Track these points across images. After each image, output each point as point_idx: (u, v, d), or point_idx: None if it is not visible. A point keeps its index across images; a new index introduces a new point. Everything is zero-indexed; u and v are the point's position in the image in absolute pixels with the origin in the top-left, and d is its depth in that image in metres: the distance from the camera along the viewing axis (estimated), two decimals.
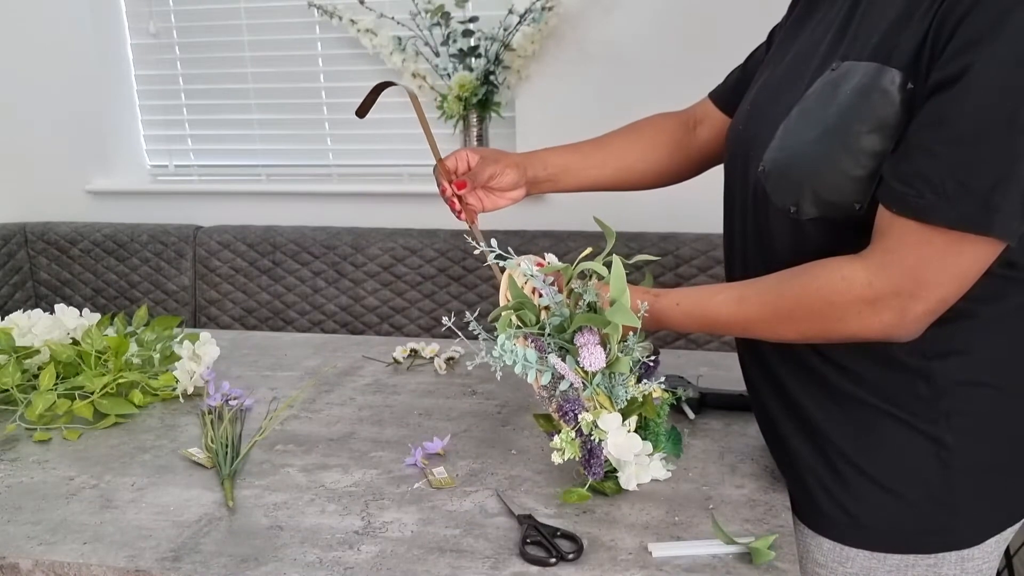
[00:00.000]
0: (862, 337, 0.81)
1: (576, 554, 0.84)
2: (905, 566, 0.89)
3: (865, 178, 0.79)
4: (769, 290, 0.86)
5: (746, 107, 0.99)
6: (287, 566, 0.84)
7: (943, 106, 0.73)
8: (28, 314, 1.30)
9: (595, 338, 0.92)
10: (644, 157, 1.17)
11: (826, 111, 0.82)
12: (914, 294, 0.77)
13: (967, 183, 0.73)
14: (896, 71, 0.77)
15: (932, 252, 0.76)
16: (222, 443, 1.07)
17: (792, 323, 0.84)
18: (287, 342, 1.55)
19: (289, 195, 2.59)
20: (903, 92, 0.77)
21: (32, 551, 0.88)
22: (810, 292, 0.82)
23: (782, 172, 0.85)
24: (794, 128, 0.85)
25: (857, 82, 0.80)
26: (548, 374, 0.93)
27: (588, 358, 0.91)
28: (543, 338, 0.94)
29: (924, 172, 0.74)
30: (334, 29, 2.43)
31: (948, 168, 0.73)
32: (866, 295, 0.78)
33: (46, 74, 2.59)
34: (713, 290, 0.91)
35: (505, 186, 1.12)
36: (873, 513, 0.89)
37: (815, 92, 0.85)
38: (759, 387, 0.99)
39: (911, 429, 0.86)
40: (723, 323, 0.90)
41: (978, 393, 0.85)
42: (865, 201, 0.80)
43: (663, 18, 2.21)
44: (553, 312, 0.95)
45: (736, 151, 0.97)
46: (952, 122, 0.73)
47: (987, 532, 0.89)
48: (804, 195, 0.83)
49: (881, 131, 0.78)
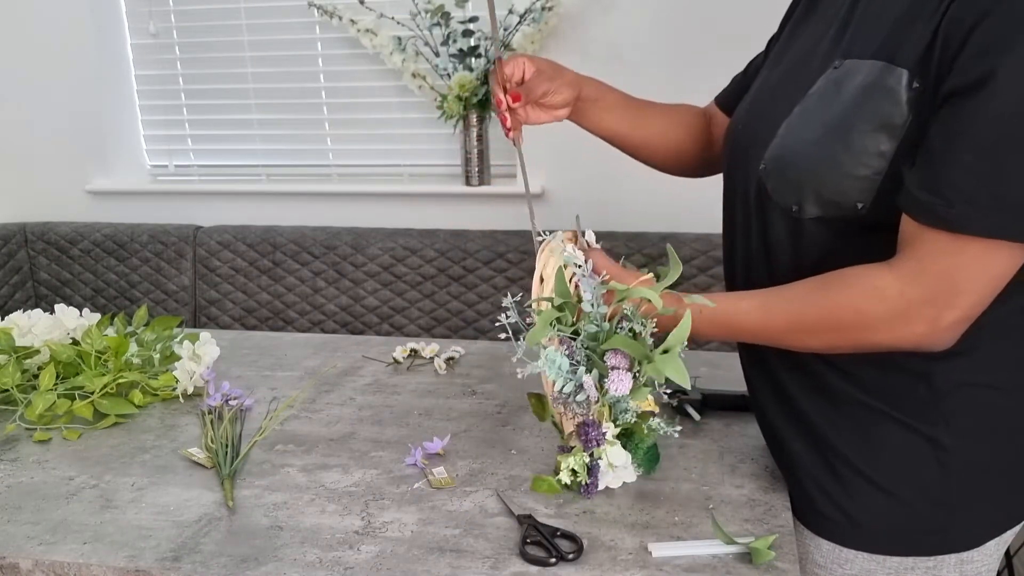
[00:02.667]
0: (893, 347, 0.80)
1: (576, 554, 0.84)
2: (904, 568, 0.89)
3: (868, 178, 0.79)
4: (796, 299, 0.84)
5: (745, 106, 0.99)
6: (287, 566, 0.84)
7: (968, 113, 0.72)
8: (28, 314, 1.30)
9: (627, 363, 0.91)
10: (672, 130, 1.15)
11: (829, 109, 0.82)
12: (949, 303, 0.76)
13: (999, 192, 0.72)
14: (902, 70, 0.77)
15: (966, 261, 0.75)
16: (222, 443, 1.07)
17: (821, 334, 0.83)
18: (287, 342, 1.54)
19: (289, 195, 2.59)
20: (909, 91, 0.76)
21: (32, 551, 0.88)
22: (840, 303, 0.80)
23: (784, 171, 0.85)
24: (796, 126, 0.85)
25: (861, 80, 0.79)
26: (572, 384, 0.92)
27: (616, 383, 0.90)
28: (575, 342, 0.92)
29: (953, 181, 0.73)
30: (334, 29, 2.43)
31: (979, 177, 0.72)
32: (899, 306, 0.77)
33: (46, 74, 2.59)
34: (736, 297, 0.89)
35: (556, 103, 1.06)
36: (872, 515, 0.89)
37: (817, 91, 0.84)
38: (759, 388, 0.99)
39: (910, 431, 0.86)
40: (748, 332, 0.88)
41: (978, 395, 0.85)
42: (868, 201, 0.80)
43: (663, 18, 2.21)
44: (590, 318, 0.92)
45: (736, 150, 0.97)
46: (979, 130, 0.72)
47: (986, 534, 0.89)
48: (806, 194, 0.83)
49: (885, 130, 0.78)
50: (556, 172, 2.30)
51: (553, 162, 2.30)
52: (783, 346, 0.87)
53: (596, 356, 0.91)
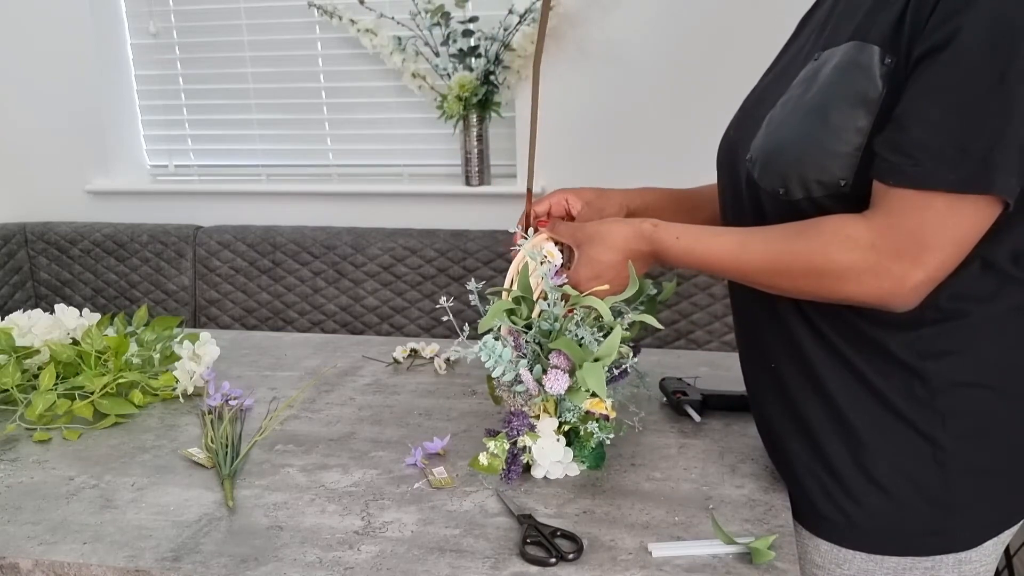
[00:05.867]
0: (858, 300, 0.81)
1: (576, 554, 0.84)
2: (902, 568, 0.89)
3: (848, 154, 0.80)
4: (772, 240, 0.85)
5: (736, 114, 1.01)
6: (287, 566, 0.84)
7: (933, 73, 0.74)
8: (28, 314, 1.30)
9: (568, 364, 0.95)
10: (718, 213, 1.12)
11: (807, 94, 0.84)
12: (916, 259, 0.77)
13: (966, 145, 0.73)
14: (874, 47, 0.79)
15: (933, 215, 0.75)
16: (222, 443, 1.07)
17: (790, 277, 0.84)
18: (287, 342, 1.55)
19: (289, 195, 2.59)
20: (882, 67, 0.78)
21: (32, 551, 0.88)
22: (813, 248, 0.81)
23: (768, 157, 0.86)
24: (778, 116, 0.87)
25: (837, 61, 0.82)
26: (512, 374, 0.97)
27: (552, 381, 0.94)
28: (525, 335, 0.97)
29: (922, 140, 0.75)
30: (334, 29, 2.43)
31: (944, 133, 0.74)
32: (869, 258, 0.78)
33: (46, 74, 2.59)
34: (715, 231, 0.90)
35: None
36: (870, 515, 0.89)
37: (798, 81, 0.87)
38: (757, 387, 0.99)
39: (910, 429, 0.86)
40: (721, 265, 0.89)
41: (974, 394, 0.85)
42: (850, 177, 0.81)
43: (663, 18, 2.21)
44: (545, 314, 0.97)
45: (727, 151, 0.98)
46: (944, 88, 0.74)
47: (985, 534, 0.89)
48: (790, 177, 0.84)
49: (862, 105, 0.79)
50: (556, 172, 2.30)
51: (553, 162, 2.30)
52: (753, 284, 0.88)
53: (543, 353, 0.96)
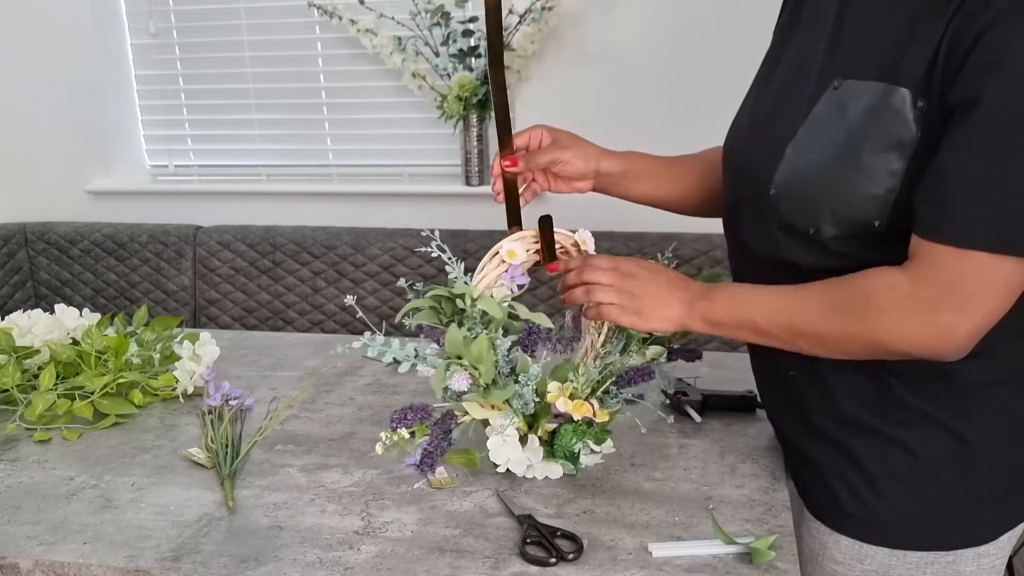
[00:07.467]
0: (906, 348, 0.80)
1: (576, 554, 0.84)
2: (924, 563, 0.90)
3: (881, 196, 0.79)
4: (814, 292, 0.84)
5: (745, 122, 0.97)
6: (287, 566, 0.84)
7: (970, 130, 0.73)
8: (28, 314, 1.30)
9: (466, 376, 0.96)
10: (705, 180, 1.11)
11: (836, 131, 0.82)
12: (960, 308, 0.76)
13: (1001, 204, 0.72)
14: (905, 91, 0.77)
15: (971, 272, 0.75)
16: (222, 443, 1.07)
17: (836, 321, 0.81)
18: (287, 342, 1.54)
19: (289, 195, 2.59)
20: (915, 110, 0.77)
21: (32, 551, 0.88)
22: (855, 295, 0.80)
23: (796, 195, 0.85)
24: (804, 151, 0.84)
25: (866, 102, 0.80)
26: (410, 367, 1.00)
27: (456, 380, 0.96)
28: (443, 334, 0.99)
29: (957, 194, 0.74)
30: (334, 29, 2.42)
31: (981, 190, 0.73)
32: (910, 304, 0.77)
33: (46, 74, 2.59)
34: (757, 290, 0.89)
35: (570, 174, 1.06)
36: (896, 511, 0.89)
37: (821, 113, 0.83)
38: (776, 394, 0.99)
39: (937, 426, 0.86)
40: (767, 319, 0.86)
41: (999, 393, 0.86)
42: (884, 218, 0.80)
43: (663, 18, 2.21)
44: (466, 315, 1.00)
45: (739, 168, 0.96)
46: (981, 146, 0.72)
47: (1003, 527, 0.90)
48: (822, 216, 0.83)
49: (896, 149, 0.78)
50: None
51: None
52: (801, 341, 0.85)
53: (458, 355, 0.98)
